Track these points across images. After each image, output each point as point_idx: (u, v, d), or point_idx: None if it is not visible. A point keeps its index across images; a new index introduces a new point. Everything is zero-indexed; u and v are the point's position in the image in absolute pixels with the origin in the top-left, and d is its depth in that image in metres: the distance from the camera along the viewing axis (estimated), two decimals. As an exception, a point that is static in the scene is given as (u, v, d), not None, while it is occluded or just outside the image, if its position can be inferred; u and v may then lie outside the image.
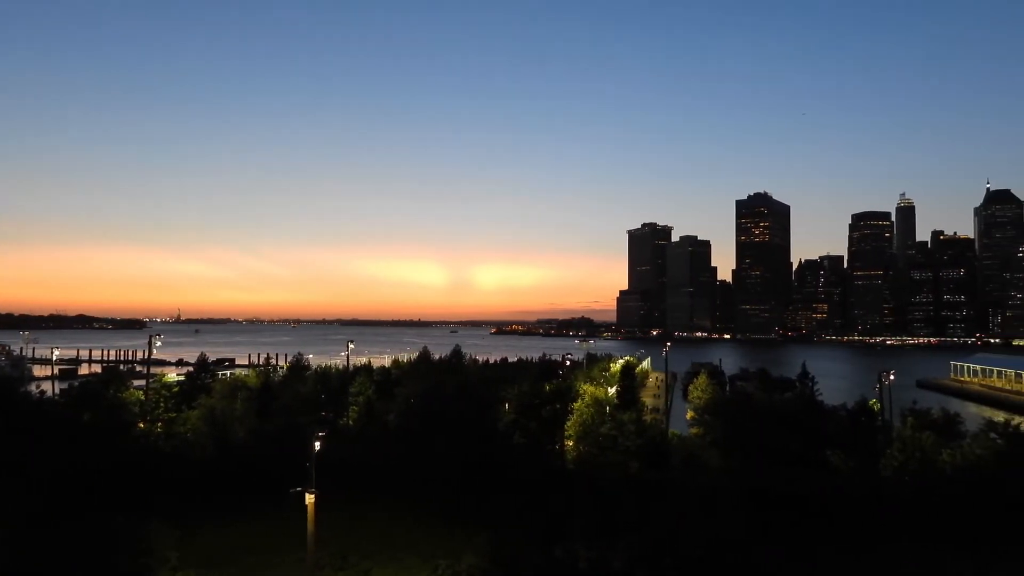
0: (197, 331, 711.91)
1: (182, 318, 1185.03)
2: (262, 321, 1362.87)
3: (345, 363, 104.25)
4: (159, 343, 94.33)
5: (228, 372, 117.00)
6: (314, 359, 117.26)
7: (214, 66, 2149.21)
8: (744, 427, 60.86)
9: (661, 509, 40.63)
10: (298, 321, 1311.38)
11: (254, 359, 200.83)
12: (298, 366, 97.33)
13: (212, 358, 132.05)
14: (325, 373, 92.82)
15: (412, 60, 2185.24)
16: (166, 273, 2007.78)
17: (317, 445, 38.31)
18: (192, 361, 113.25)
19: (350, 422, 76.02)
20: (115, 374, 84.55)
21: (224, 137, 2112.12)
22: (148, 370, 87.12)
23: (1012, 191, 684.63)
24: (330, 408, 78.77)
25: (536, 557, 34.15)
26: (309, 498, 36.96)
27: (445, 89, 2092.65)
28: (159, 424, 68.51)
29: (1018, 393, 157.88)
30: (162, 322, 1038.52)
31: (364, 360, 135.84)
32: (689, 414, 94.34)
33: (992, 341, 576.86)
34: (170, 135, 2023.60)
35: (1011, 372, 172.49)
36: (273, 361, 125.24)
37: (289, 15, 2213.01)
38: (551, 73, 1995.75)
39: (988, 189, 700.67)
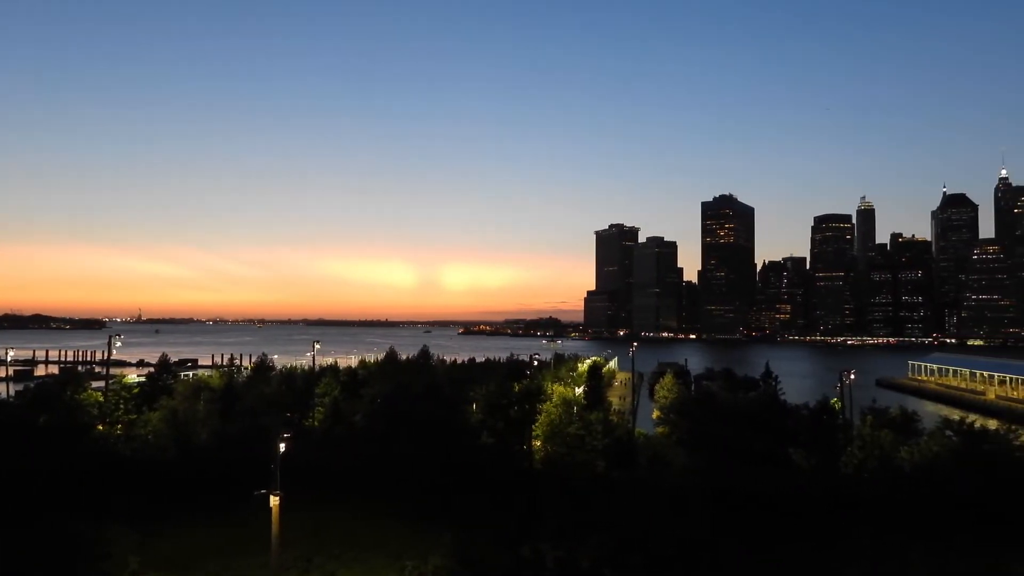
0: (157, 331, 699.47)
1: (143, 318, 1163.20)
2: (226, 321, 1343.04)
3: (311, 363, 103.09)
4: (119, 343, 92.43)
5: (191, 373, 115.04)
6: (279, 359, 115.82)
7: (178, 63, 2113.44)
8: (709, 426, 61.56)
9: (628, 508, 40.89)
10: (263, 321, 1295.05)
11: (217, 360, 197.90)
12: (263, 367, 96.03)
13: (174, 359, 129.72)
14: (290, 374, 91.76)
15: (381, 61, 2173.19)
16: (127, 272, 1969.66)
17: (282, 446, 37.80)
18: (153, 362, 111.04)
19: (316, 423, 75.21)
20: (72, 375, 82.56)
21: (189, 135, 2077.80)
22: (107, 371, 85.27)
23: (967, 195, 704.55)
24: (295, 409, 77.81)
25: (504, 557, 34.11)
26: (274, 500, 36.46)
27: (413, 89, 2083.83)
28: (119, 426, 67.02)
29: (973, 392, 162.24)
30: (122, 322, 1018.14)
31: (330, 361, 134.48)
32: (655, 413, 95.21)
33: (948, 341, 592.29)
34: (132, 132, 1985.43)
35: (966, 371, 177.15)
36: (237, 362, 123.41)
37: (256, 13, 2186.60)
38: (520, 76, 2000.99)
39: (944, 193, 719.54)
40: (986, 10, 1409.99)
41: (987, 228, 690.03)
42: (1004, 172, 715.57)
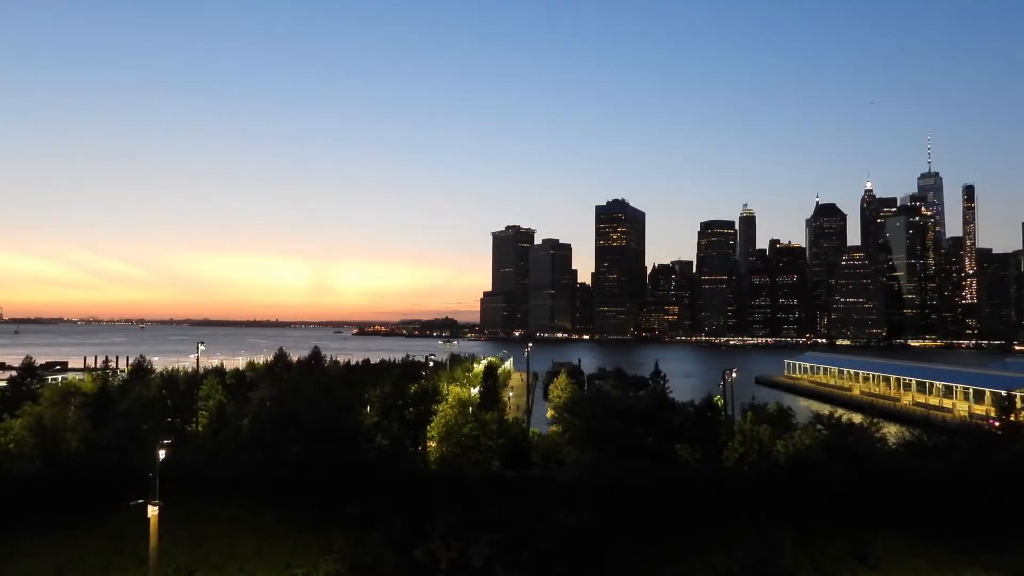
0: (17, 331, 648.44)
1: (4, 317, 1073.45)
2: (100, 321, 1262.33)
3: (195, 366, 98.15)
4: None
5: (59, 377, 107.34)
6: (159, 362, 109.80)
7: (53, 45, 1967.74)
8: (601, 424, 63.00)
9: (521, 506, 41.29)
10: (143, 321, 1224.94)
11: (91, 362, 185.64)
12: (140, 369, 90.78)
13: (40, 361, 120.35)
14: (172, 376, 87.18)
15: (274, 54, 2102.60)
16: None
17: (162, 453, 35.77)
18: (16, 365, 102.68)
19: (199, 428, 71.82)
20: (-80, 380, 75.17)
21: (58, 115, 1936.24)
22: (-38, 375, 78.07)
23: (837, 205, 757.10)
24: (177, 414, 73.96)
25: (397, 560, 33.74)
26: (152, 510, 34.43)
27: (307, 84, 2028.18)
28: (-26, 436, 61.48)
29: (841, 388, 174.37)
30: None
31: (216, 363, 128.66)
32: (550, 412, 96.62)
33: (820, 341, 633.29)
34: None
35: (835, 369, 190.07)
36: (112, 364, 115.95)
37: (140, 2, 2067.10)
38: (417, 76, 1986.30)
39: (817, 203, 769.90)
40: (851, 38, 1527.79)
41: (854, 236, 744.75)
42: (869, 185, 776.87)
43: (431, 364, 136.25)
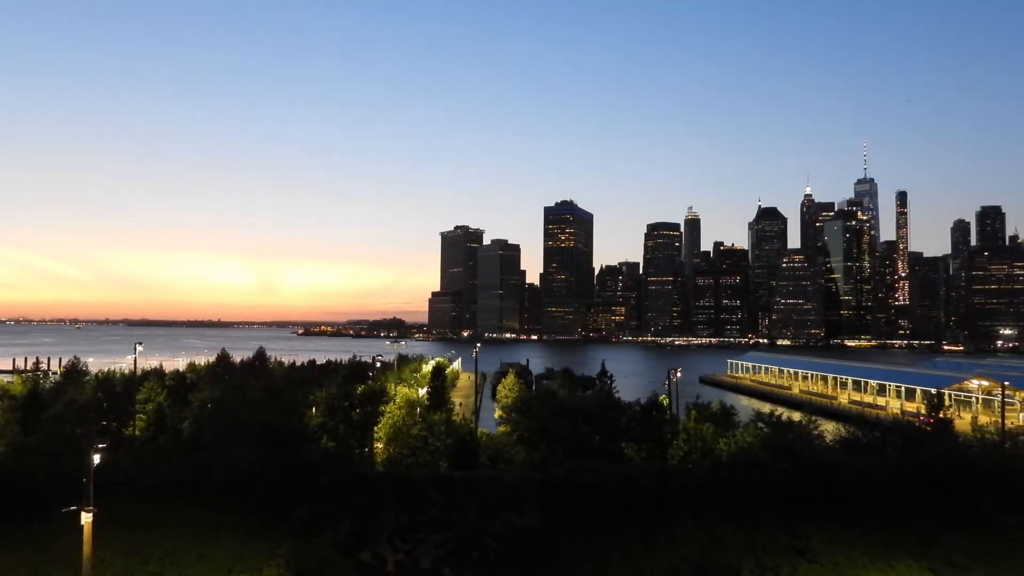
0: None
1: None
2: (31, 321, 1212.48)
3: (132, 367, 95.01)
4: None
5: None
6: (95, 363, 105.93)
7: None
8: (549, 423, 63.34)
9: (469, 506, 41.22)
10: (78, 321, 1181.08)
11: (20, 363, 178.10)
12: (74, 371, 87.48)
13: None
14: (108, 378, 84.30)
15: (218, 50, 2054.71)
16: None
17: (97, 458, 34.50)
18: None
19: (137, 432, 69.61)
20: None
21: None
22: None
23: (778, 209, 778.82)
24: (114, 417, 71.50)
25: (343, 563, 33.30)
26: (86, 517, 33.20)
27: (252, 81, 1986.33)
28: None
29: (781, 387, 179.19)
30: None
31: (155, 364, 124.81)
32: (497, 413, 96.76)
33: (761, 341, 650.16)
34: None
35: (776, 369, 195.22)
36: (44, 366, 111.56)
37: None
38: (365, 75, 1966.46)
39: (759, 207, 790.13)
40: (792, 48, 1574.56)
41: (794, 239, 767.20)
42: (809, 190, 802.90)
43: (378, 364, 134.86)
